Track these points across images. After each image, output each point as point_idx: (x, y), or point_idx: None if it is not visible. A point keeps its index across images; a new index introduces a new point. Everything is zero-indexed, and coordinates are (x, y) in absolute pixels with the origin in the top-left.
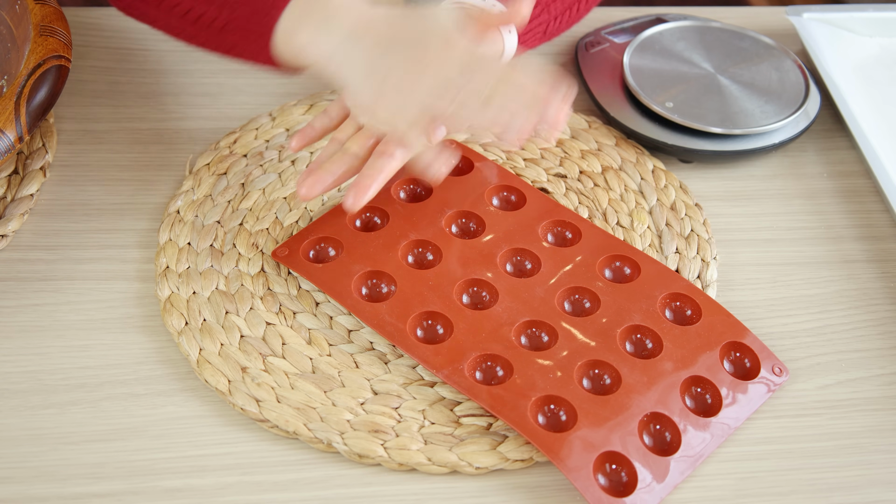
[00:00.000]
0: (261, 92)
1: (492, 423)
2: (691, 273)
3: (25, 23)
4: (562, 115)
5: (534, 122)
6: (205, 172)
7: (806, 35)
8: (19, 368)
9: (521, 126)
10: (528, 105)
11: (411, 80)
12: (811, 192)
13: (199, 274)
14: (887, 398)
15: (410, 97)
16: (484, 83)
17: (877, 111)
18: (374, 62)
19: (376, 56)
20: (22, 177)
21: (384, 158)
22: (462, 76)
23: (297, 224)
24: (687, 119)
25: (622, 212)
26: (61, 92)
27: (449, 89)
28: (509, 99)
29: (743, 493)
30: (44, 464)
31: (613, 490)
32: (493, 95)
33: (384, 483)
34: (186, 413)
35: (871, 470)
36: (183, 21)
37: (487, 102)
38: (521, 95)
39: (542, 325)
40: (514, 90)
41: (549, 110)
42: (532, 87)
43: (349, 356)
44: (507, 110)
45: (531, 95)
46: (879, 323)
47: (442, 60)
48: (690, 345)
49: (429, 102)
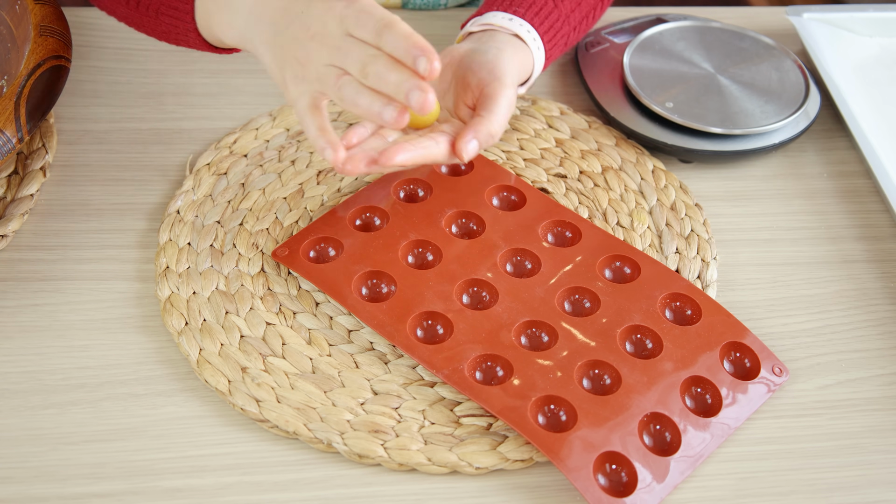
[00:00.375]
0: (261, 92)
1: (492, 423)
2: (691, 273)
3: (25, 23)
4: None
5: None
6: (205, 172)
7: (806, 35)
8: (19, 368)
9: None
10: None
11: (303, 60)
12: (811, 192)
13: (199, 274)
14: (887, 398)
15: (305, 83)
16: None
17: (877, 111)
18: (273, 39)
19: (274, 33)
20: (22, 177)
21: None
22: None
23: (297, 224)
24: (687, 119)
25: (622, 212)
26: (61, 92)
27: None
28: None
29: (743, 493)
30: (44, 464)
31: (613, 490)
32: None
33: (384, 483)
34: (186, 413)
35: (871, 470)
36: (127, 7)
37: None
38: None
39: (542, 325)
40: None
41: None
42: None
43: (349, 356)
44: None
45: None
46: (879, 323)
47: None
48: (690, 345)
49: (320, 87)
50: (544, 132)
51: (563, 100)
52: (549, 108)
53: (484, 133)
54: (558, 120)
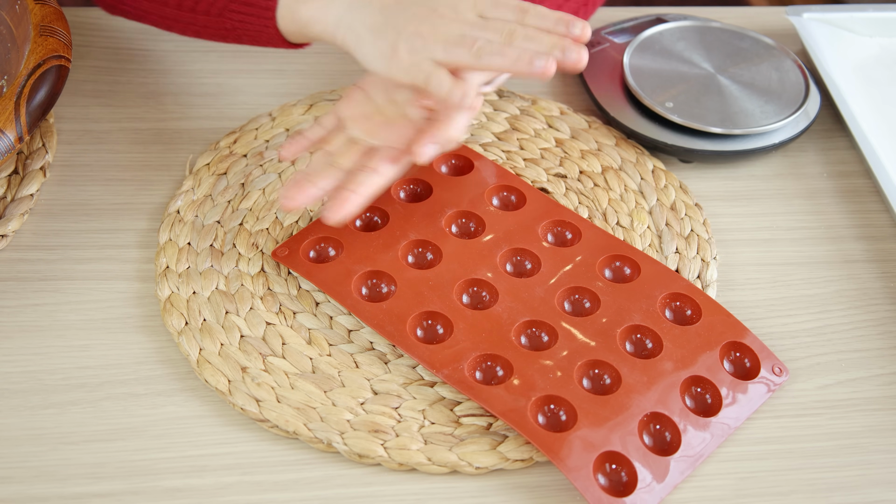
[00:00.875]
0: (261, 92)
1: (492, 423)
2: (691, 273)
3: (25, 23)
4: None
5: (556, 56)
6: (205, 172)
7: (806, 35)
8: (19, 368)
9: (545, 62)
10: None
11: (426, 33)
12: (811, 192)
13: (199, 274)
14: (887, 398)
15: (426, 51)
16: (501, 25)
17: (877, 111)
18: (384, 22)
19: (386, 16)
20: (22, 177)
21: (366, 173)
22: (477, 21)
23: (297, 224)
24: (687, 119)
25: (622, 212)
26: (61, 92)
27: (466, 36)
28: (528, 36)
29: (743, 493)
30: (44, 464)
31: (613, 490)
32: (512, 35)
33: (384, 483)
34: (186, 413)
35: (871, 470)
36: (179, 11)
37: (507, 44)
38: (540, 27)
39: (542, 325)
40: (534, 23)
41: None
42: (551, 17)
43: (349, 356)
44: (527, 50)
45: (551, 24)
46: (879, 323)
47: (454, 10)
48: (690, 345)
49: (447, 54)
50: (544, 132)
51: (563, 100)
52: (549, 108)
53: (443, 138)
54: (558, 120)
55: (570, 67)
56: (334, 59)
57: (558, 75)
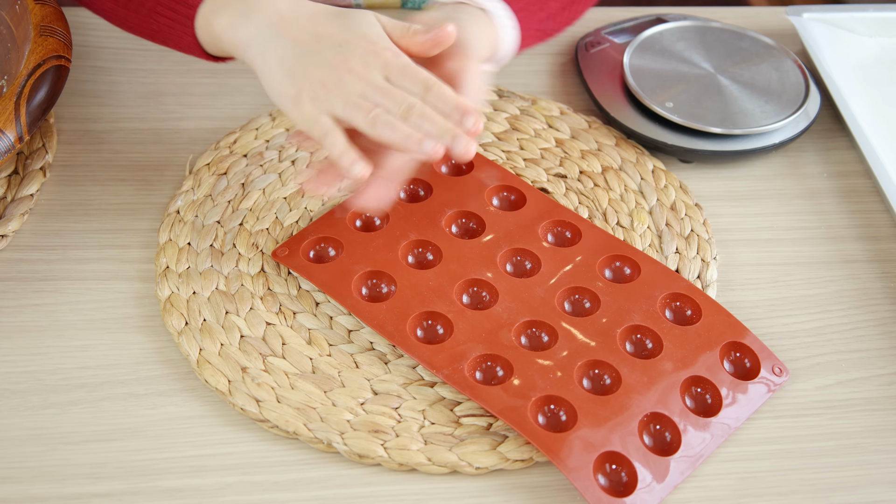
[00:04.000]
0: (261, 92)
1: (492, 423)
2: (691, 273)
3: (25, 23)
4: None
5: (446, 141)
6: (205, 172)
7: (806, 35)
8: (19, 368)
9: (433, 146)
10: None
11: (331, 85)
12: (811, 192)
13: (199, 274)
14: (887, 398)
15: (327, 104)
16: (402, 97)
17: (877, 111)
18: (294, 61)
19: (297, 54)
20: (22, 177)
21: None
22: (380, 89)
23: (297, 224)
24: (687, 119)
25: (622, 212)
26: (61, 92)
27: (367, 98)
28: (425, 116)
29: (743, 493)
30: (44, 464)
31: (613, 490)
32: (409, 110)
33: (384, 483)
34: (186, 413)
35: (871, 470)
36: (115, 4)
37: (403, 118)
38: (438, 109)
39: (542, 325)
40: (433, 103)
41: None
42: (450, 102)
43: (349, 356)
44: (419, 130)
45: (449, 108)
46: (879, 323)
47: (364, 67)
48: (690, 345)
49: (345, 112)
50: (544, 132)
51: (563, 100)
52: (549, 108)
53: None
54: (558, 120)
55: (456, 156)
56: None
57: (558, 74)
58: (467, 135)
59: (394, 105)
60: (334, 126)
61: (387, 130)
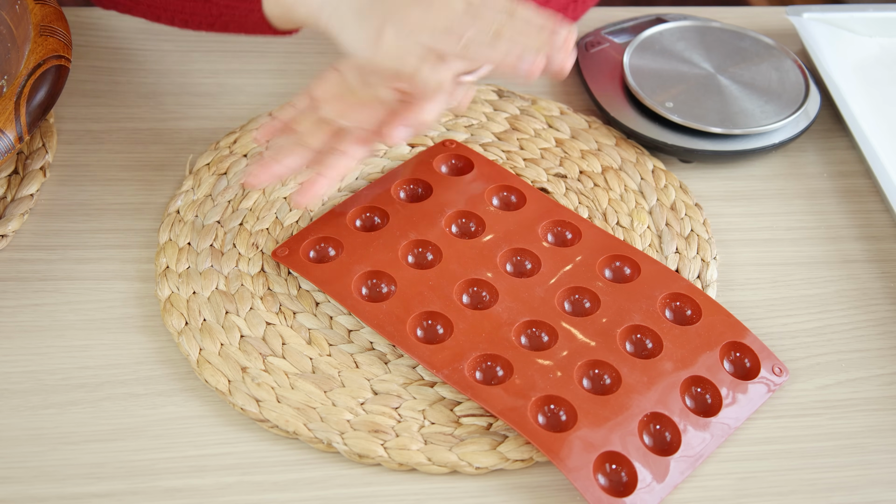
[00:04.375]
0: (261, 92)
1: (492, 423)
2: (691, 273)
3: (25, 23)
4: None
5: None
6: (205, 172)
7: (806, 35)
8: (19, 368)
9: (533, 60)
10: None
11: (414, 20)
12: (811, 192)
13: (199, 274)
14: (887, 398)
15: (414, 37)
16: (490, 19)
17: (877, 111)
18: (370, 4)
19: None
20: (22, 177)
21: (335, 155)
22: (467, 12)
23: (297, 224)
24: (687, 119)
25: (622, 212)
26: (61, 92)
27: (455, 27)
28: (518, 33)
29: (743, 493)
30: (44, 464)
31: (613, 490)
32: (500, 30)
33: (384, 483)
34: (186, 413)
35: (871, 470)
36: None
37: (496, 38)
38: (528, 28)
39: (542, 325)
40: (521, 23)
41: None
42: (538, 20)
43: (349, 356)
44: (516, 46)
45: (538, 27)
46: (879, 323)
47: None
48: (690, 345)
49: (434, 42)
50: (544, 132)
51: (563, 100)
52: (549, 108)
53: (415, 122)
54: (558, 120)
55: (554, 72)
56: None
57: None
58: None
59: (483, 28)
60: (424, 57)
61: (484, 50)
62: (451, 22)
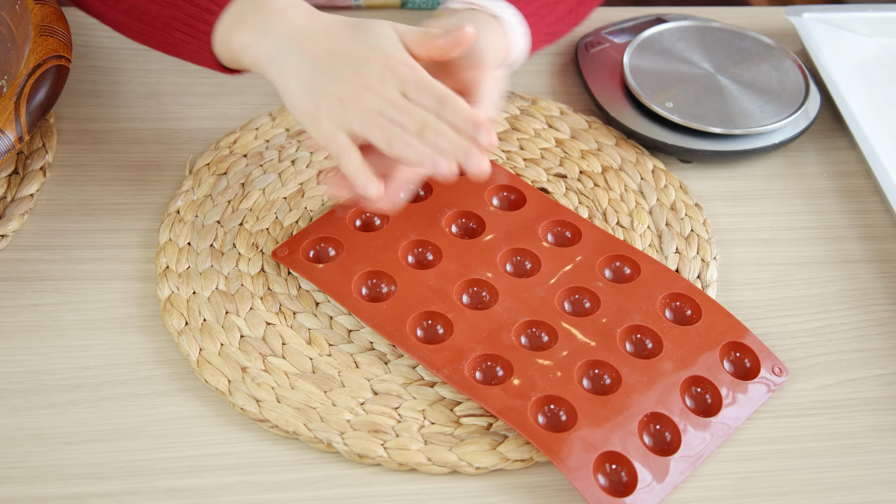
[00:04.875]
0: (261, 92)
1: (492, 423)
2: (691, 273)
3: (25, 23)
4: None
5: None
6: (205, 172)
7: (806, 35)
8: (19, 368)
9: (447, 166)
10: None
11: (348, 102)
12: (811, 192)
13: (199, 274)
14: (887, 398)
15: (344, 121)
16: (418, 114)
17: (877, 111)
18: (311, 78)
19: (314, 71)
20: (22, 177)
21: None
22: (396, 105)
23: (297, 224)
24: (687, 119)
25: (622, 212)
26: (61, 92)
27: (383, 116)
28: (439, 134)
29: (743, 493)
30: (44, 464)
31: (613, 490)
32: (425, 127)
33: (384, 483)
34: (186, 413)
35: (871, 470)
36: (129, 17)
37: (420, 134)
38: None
39: (542, 325)
40: (449, 116)
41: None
42: (465, 116)
43: (349, 356)
44: (436, 145)
45: (463, 123)
46: (879, 323)
47: (380, 83)
48: (690, 345)
49: (362, 129)
50: (544, 132)
51: (563, 100)
52: (549, 108)
53: None
54: (558, 120)
55: (470, 174)
56: None
57: (558, 74)
58: (480, 150)
59: (409, 122)
60: (350, 145)
61: (403, 148)
62: (381, 108)
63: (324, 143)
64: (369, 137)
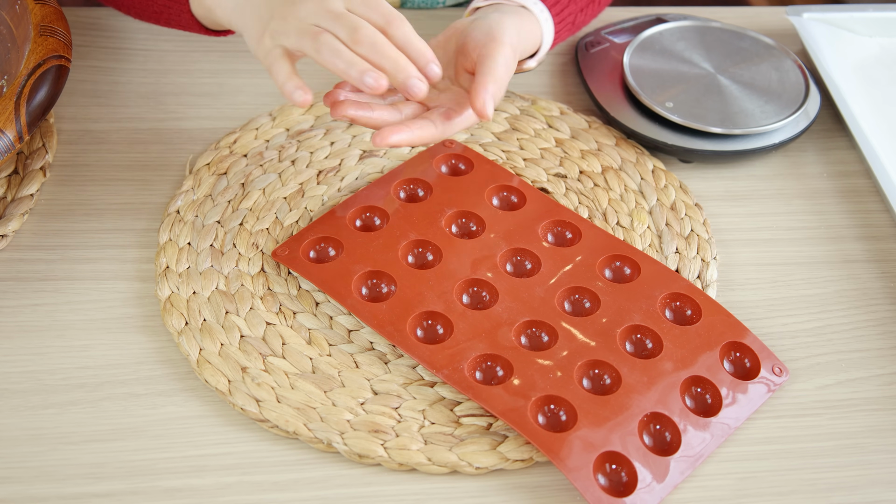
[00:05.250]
0: (261, 92)
1: (492, 423)
2: (691, 273)
3: (25, 23)
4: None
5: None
6: (205, 172)
7: (806, 35)
8: (19, 368)
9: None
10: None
11: (288, 16)
12: (811, 192)
13: (199, 274)
14: (887, 398)
15: (282, 35)
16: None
17: (877, 111)
18: (265, 6)
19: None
20: (22, 177)
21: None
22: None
23: (297, 224)
24: (687, 119)
25: (622, 212)
26: (61, 92)
27: (319, 27)
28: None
29: (743, 493)
30: (44, 464)
31: (613, 490)
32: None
33: (384, 483)
34: (186, 413)
35: (871, 470)
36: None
37: (352, 42)
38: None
39: (542, 325)
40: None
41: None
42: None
43: (349, 356)
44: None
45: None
46: (879, 323)
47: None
48: (690, 345)
49: (297, 42)
50: (544, 132)
51: (563, 100)
52: (549, 108)
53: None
54: (558, 120)
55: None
56: None
57: (558, 74)
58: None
59: (343, 31)
60: (281, 55)
61: (331, 56)
62: (318, 20)
63: (262, 59)
64: (303, 48)
